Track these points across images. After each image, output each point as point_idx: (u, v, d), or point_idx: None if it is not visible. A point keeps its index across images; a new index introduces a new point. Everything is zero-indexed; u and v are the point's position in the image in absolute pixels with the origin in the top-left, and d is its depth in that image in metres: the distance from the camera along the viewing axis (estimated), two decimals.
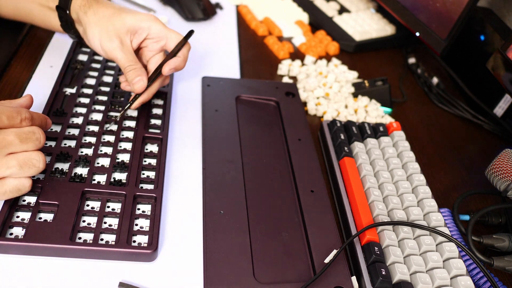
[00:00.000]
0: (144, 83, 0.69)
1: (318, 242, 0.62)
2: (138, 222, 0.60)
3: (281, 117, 0.81)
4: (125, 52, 0.69)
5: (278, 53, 0.99)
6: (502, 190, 0.66)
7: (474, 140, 0.91)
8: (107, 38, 0.68)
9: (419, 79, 1.03)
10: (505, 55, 0.76)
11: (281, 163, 0.73)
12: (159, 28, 0.71)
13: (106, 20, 0.68)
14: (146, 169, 0.66)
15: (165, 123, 0.73)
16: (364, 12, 1.15)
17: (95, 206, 0.60)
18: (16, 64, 0.80)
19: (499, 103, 0.93)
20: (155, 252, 0.56)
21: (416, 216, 0.65)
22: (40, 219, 0.57)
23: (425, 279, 0.57)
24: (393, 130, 0.79)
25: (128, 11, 0.70)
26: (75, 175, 0.62)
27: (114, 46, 0.68)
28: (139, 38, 0.71)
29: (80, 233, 0.57)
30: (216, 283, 0.55)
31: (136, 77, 0.68)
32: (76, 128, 0.69)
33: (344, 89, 0.90)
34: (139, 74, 0.68)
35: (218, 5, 1.10)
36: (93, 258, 0.55)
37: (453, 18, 0.91)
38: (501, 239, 0.65)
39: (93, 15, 0.69)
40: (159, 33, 0.72)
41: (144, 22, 0.70)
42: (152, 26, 0.71)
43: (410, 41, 1.12)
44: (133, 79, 0.68)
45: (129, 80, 0.69)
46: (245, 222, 0.62)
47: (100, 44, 0.69)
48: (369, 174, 0.71)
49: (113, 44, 0.68)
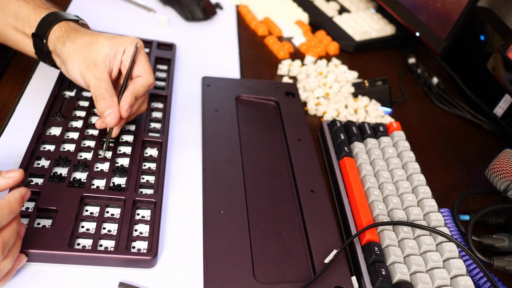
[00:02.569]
0: (114, 116, 0.62)
1: (318, 242, 0.62)
2: (137, 228, 0.59)
3: (281, 117, 0.81)
4: (98, 79, 0.63)
5: (278, 53, 0.99)
6: (502, 190, 0.66)
7: (474, 140, 0.91)
8: (84, 65, 0.63)
9: (419, 79, 1.03)
10: (505, 55, 0.76)
11: (281, 163, 0.73)
12: (131, 51, 0.66)
13: (84, 47, 0.64)
14: (146, 173, 0.66)
15: (165, 127, 0.72)
16: (364, 12, 1.15)
17: (94, 211, 0.60)
18: (16, 64, 0.80)
19: (499, 103, 0.93)
20: (154, 258, 0.55)
21: (416, 216, 0.65)
22: (39, 225, 0.57)
23: (425, 279, 0.57)
24: (393, 130, 0.79)
25: (107, 36, 0.66)
26: (74, 180, 0.61)
27: (89, 72, 0.63)
28: (117, 63, 0.66)
29: (79, 239, 0.56)
30: (216, 283, 0.55)
31: (106, 109, 0.62)
32: (75, 131, 0.69)
33: (344, 89, 0.90)
34: (109, 105, 0.62)
35: (218, 5, 1.10)
36: (92, 264, 0.55)
37: (453, 18, 0.91)
38: (501, 239, 0.65)
39: (71, 45, 0.64)
40: (128, 56, 0.66)
41: (121, 45, 0.65)
42: (127, 47, 0.66)
43: (410, 41, 1.12)
44: (103, 111, 0.62)
45: (99, 113, 0.63)
46: (245, 222, 0.62)
47: (79, 73, 0.64)
48: (369, 174, 0.71)
49: (88, 70, 0.63)
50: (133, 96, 0.65)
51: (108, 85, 0.63)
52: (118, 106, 0.63)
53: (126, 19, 0.97)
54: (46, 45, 0.67)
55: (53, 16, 0.67)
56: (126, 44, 0.66)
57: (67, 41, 0.65)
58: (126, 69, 0.67)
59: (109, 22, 0.95)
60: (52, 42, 0.66)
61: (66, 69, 0.66)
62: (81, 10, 0.96)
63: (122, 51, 0.66)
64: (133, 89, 0.65)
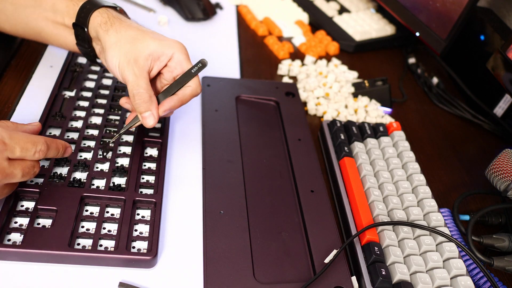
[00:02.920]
0: (154, 118, 0.62)
1: (318, 242, 0.62)
2: (137, 228, 0.59)
3: (281, 117, 0.81)
4: (138, 76, 0.62)
5: (278, 53, 0.99)
6: (502, 190, 0.66)
7: (474, 140, 0.91)
8: (125, 60, 0.62)
9: (419, 79, 1.03)
10: (505, 55, 0.76)
11: (281, 163, 0.73)
12: (181, 58, 0.65)
13: (128, 41, 0.63)
14: (146, 173, 0.66)
15: (165, 126, 0.72)
16: (364, 12, 1.15)
17: (94, 211, 0.60)
18: (16, 64, 0.80)
19: (499, 103, 0.93)
20: (154, 258, 0.55)
21: (416, 216, 0.65)
22: (39, 225, 0.57)
23: (425, 279, 0.57)
24: (393, 130, 0.79)
25: (154, 36, 0.64)
26: (74, 180, 0.61)
27: (128, 68, 0.62)
28: (160, 65, 0.65)
29: (79, 239, 0.56)
30: (216, 283, 0.55)
31: (146, 111, 0.61)
32: (75, 132, 0.69)
33: (344, 89, 0.90)
34: (148, 107, 0.61)
35: (218, 5, 1.10)
36: (92, 264, 0.55)
37: (453, 18, 0.91)
38: (501, 239, 0.65)
39: (114, 34, 0.63)
40: (177, 63, 0.65)
41: (169, 48, 0.64)
42: (176, 54, 0.65)
43: (410, 41, 1.12)
44: (142, 112, 0.62)
45: (137, 112, 0.62)
46: (245, 222, 0.62)
47: (119, 66, 0.63)
48: (369, 174, 0.71)
49: (128, 66, 0.62)
50: (180, 102, 0.65)
51: (147, 84, 0.62)
52: (157, 108, 0.62)
53: None
54: (88, 33, 0.66)
55: (91, 3, 0.66)
56: (174, 49, 0.64)
57: (110, 30, 0.64)
58: (171, 73, 0.66)
59: None
60: (93, 29, 0.65)
61: (105, 58, 0.65)
62: None
63: (169, 55, 0.64)
64: (182, 96, 0.65)
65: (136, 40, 0.63)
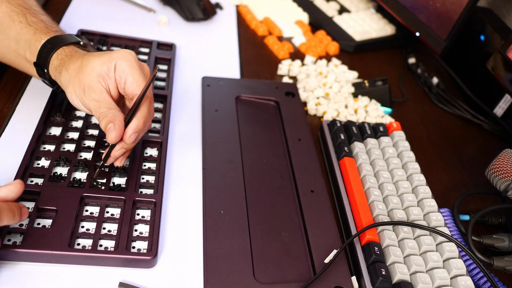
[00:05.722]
0: (114, 129, 0.57)
1: (318, 242, 0.62)
2: (137, 228, 0.59)
3: (281, 117, 0.81)
4: (98, 100, 0.59)
5: (278, 53, 0.99)
6: (502, 190, 0.66)
7: (474, 140, 0.91)
8: (81, 92, 0.59)
9: (419, 79, 1.03)
10: (505, 55, 0.76)
11: (281, 163, 0.73)
12: (123, 66, 0.60)
13: (76, 73, 0.60)
14: (146, 173, 0.66)
15: (165, 127, 0.72)
16: (364, 12, 1.15)
17: (94, 211, 0.60)
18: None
19: (499, 103, 0.93)
20: (154, 258, 0.55)
21: (416, 216, 0.65)
22: (39, 225, 0.57)
23: (425, 279, 0.57)
24: (393, 130, 0.79)
25: (97, 55, 0.61)
26: (74, 180, 0.61)
27: (87, 97, 0.59)
28: (112, 82, 0.61)
29: (79, 239, 0.56)
30: (216, 283, 0.55)
31: (108, 123, 0.58)
32: (75, 131, 0.69)
33: (344, 89, 0.90)
34: (110, 120, 0.58)
35: (218, 5, 1.10)
36: (92, 264, 0.55)
37: (453, 18, 0.91)
38: (501, 239, 0.65)
39: (66, 74, 0.61)
40: (121, 72, 0.60)
41: (111, 61, 0.60)
42: (118, 63, 0.60)
43: (410, 41, 1.12)
44: (105, 127, 0.58)
45: (103, 129, 0.59)
46: (245, 222, 0.62)
47: (79, 101, 0.60)
48: (369, 174, 0.71)
49: (86, 95, 0.59)
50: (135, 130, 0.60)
51: (109, 103, 0.59)
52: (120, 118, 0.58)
53: (126, 19, 0.97)
54: (49, 74, 0.64)
55: (52, 42, 0.63)
56: (116, 60, 0.60)
57: (62, 70, 0.61)
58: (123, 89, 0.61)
59: (109, 22, 0.95)
60: (52, 73, 0.64)
61: (69, 99, 0.62)
62: (81, 10, 0.96)
63: (113, 67, 0.60)
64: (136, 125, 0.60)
65: (82, 68, 0.60)
